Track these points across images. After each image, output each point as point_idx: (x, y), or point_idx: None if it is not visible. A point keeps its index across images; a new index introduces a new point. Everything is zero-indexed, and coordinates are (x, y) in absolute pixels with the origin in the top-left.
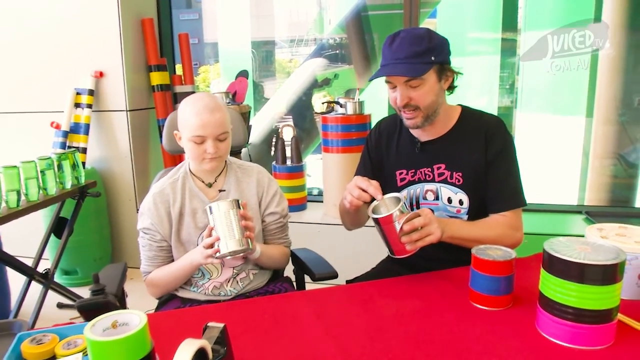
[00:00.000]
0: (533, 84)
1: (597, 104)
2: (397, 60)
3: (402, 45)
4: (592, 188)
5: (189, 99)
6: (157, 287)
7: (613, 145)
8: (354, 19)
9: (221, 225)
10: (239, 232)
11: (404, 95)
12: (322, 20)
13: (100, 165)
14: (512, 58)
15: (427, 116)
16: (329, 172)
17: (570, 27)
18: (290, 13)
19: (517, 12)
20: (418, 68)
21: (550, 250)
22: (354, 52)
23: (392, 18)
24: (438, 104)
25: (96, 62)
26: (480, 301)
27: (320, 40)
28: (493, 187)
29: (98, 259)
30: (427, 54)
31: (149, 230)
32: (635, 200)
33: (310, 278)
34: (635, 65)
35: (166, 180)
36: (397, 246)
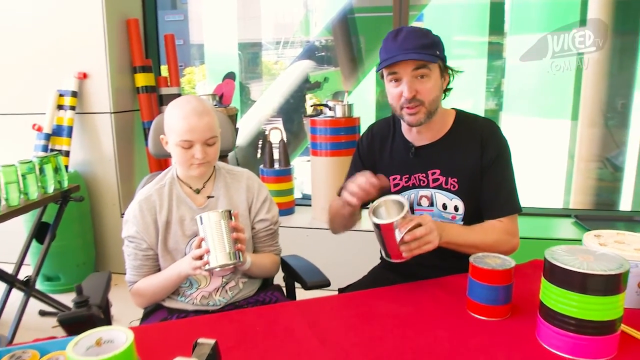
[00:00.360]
0: (519, 87)
1: (583, 106)
2: (406, 50)
3: (409, 37)
4: (578, 191)
5: (175, 102)
6: (143, 298)
7: (598, 148)
8: (340, 22)
9: (211, 236)
10: (229, 245)
11: (411, 88)
12: (309, 23)
13: (84, 169)
14: (499, 61)
15: (429, 112)
16: (318, 175)
17: (557, 31)
18: (276, 15)
19: (504, 15)
20: (428, 57)
21: (551, 259)
22: (340, 54)
23: (379, 21)
24: (439, 103)
25: (80, 63)
26: (479, 311)
27: (306, 43)
28: (489, 193)
29: (81, 264)
30: (433, 47)
31: (134, 238)
32: (619, 203)
33: (302, 286)
34: (620, 68)
35: (152, 186)
36: (394, 251)
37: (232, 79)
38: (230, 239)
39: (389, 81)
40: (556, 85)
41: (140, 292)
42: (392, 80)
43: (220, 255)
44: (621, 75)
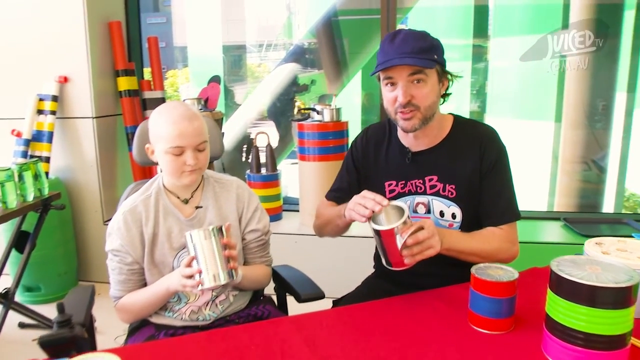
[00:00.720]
0: (502, 89)
1: (566, 108)
2: (402, 54)
3: (406, 40)
4: (562, 193)
5: (161, 108)
6: (129, 314)
7: (582, 150)
8: (324, 24)
9: (203, 256)
10: (222, 264)
11: (407, 92)
12: (291, 25)
13: (65, 175)
14: (482, 64)
15: (425, 118)
16: (306, 181)
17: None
18: (259, 18)
19: (488, 19)
20: (425, 61)
21: (558, 271)
22: (324, 57)
23: (363, 23)
24: (436, 108)
25: (60, 67)
26: (481, 324)
27: (290, 45)
28: (488, 200)
29: (63, 274)
30: (432, 51)
31: (119, 252)
32: (603, 206)
33: (295, 299)
34: (600, 70)
35: (137, 196)
36: (396, 258)
37: (218, 82)
38: (223, 258)
39: (384, 85)
40: (539, 87)
41: (126, 308)
42: (387, 84)
43: (213, 275)
44: (603, 77)
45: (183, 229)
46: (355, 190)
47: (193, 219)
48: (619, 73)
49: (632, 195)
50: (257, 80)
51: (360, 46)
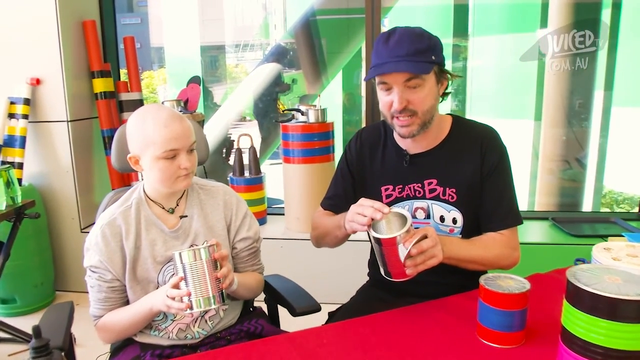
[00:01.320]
0: (481, 88)
1: (545, 107)
2: (397, 57)
3: (401, 42)
4: (543, 192)
5: (143, 113)
6: (110, 333)
7: (562, 149)
8: (302, 24)
9: (192, 278)
10: (213, 286)
11: (402, 98)
12: (268, 26)
13: (39, 182)
14: (462, 63)
15: (423, 123)
16: (291, 183)
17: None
18: (236, 18)
19: (468, 18)
20: (421, 66)
21: (575, 282)
22: (302, 57)
23: (342, 23)
24: (434, 111)
25: (32, 68)
26: (491, 338)
27: (267, 45)
28: (489, 204)
29: (39, 284)
30: (429, 52)
31: (98, 268)
32: (583, 204)
33: (289, 312)
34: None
35: (116, 208)
36: (397, 269)
37: (198, 83)
38: (214, 280)
39: (379, 89)
40: (519, 86)
41: (108, 327)
42: (382, 89)
43: (205, 299)
44: (582, 76)
45: (167, 241)
46: (351, 196)
47: (178, 229)
48: (597, 71)
49: (609, 192)
50: (234, 81)
51: (339, 46)
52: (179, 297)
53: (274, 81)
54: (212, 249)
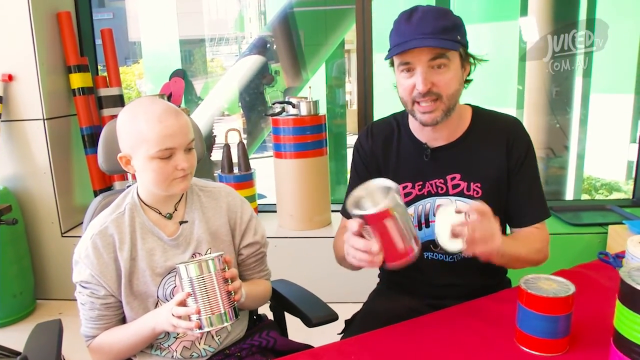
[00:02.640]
0: None
1: (527, 95)
2: (422, 35)
3: (425, 19)
4: None
5: (134, 108)
6: (105, 355)
7: (545, 136)
8: (279, 17)
9: (201, 294)
10: (225, 302)
11: (427, 79)
12: (243, 19)
13: (15, 185)
14: None
15: (447, 109)
16: (282, 179)
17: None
18: (210, 11)
19: (450, 6)
20: (448, 43)
21: (632, 283)
22: (280, 50)
23: (319, 15)
24: (458, 97)
25: (4, 64)
26: (533, 345)
27: (242, 39)
28: (520, 198)
29: (18, 294)
30: (454, 31)
31: (89, 283)
32: (566, 193)
33: (304, 323)
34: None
35: (107, 215)
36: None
37: (181, 76)
38: (225, 294)
39: (400, 71)
40: (500, 75)
41: (103, 349)
42: (403, 70)
43: (217, 316)
44: (561, 65)
45: (167, 250)
46: None
47: (178, 237)
48: (577, 59)
49: (587, 178)
50: (211, 75)
51: (317, 38)
52: (187, 316)
53: (259, 73)
54: (221, 260)
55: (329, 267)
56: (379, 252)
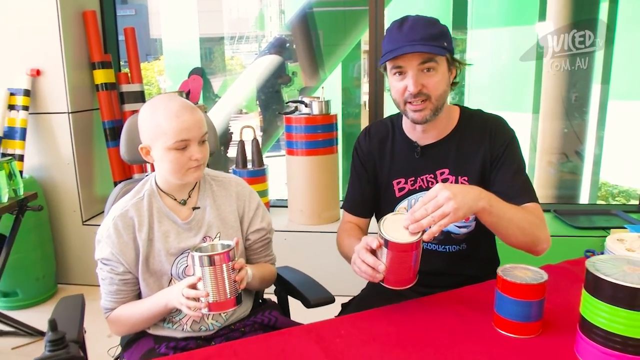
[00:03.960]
0: (479, 81)
1: (544, 100)
2: (412, 41)
3: (415, 27)
4: (541, 184)
5: (154, 104)
6: (122, 327)
7: (560, 141)
8: (298, 17)
9: (211, 281)
10: (231, 289)
11: (417, 82)
12: (263, 17)
13: (40, 174)
14: (460, 55)
15: (436, 108)
16: (294, 176)
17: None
18: (231, 9)
19: (467, 10)
20: (436, 49)
21: (595, 272)
22: (299, 50)
23: (338, 15)
24: (446, 98)
25: (32, 59)
26: (509, 328)
27: (262, 37)
28: (505, 187)
29: (41, 277)
30: (441, 38)
31: (109, 261)
32: (580, 197)
33: (303, 304)
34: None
35: (128, 200)
36: (400, 276)
37: (200, 74)
38: (232, 282)
39: (392, 74)
40: (516, 79)
41: (120, 321)
42: (396, 74)
43: (222, 302)
44: (580, 70)
45: (180, 233)
46: (370, 194)
47: (191, 221)
48: (594, 65)
49: (604, 185)
50: (230, 73)
51: (336, 38)
52: (196, 297)
53: (276, 73)
54: (232, 252)
55: (335, 261)
56: (383, 273)
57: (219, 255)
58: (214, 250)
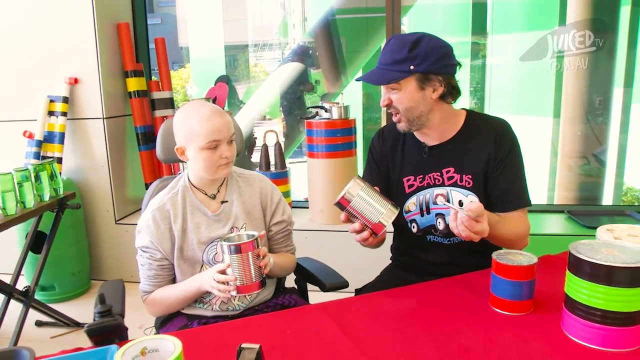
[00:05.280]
0: (500, 86)
1: (564, 104)
2: (379, 65)
3: (384, 50)
4: (562, 187)
5: (188, 109)
6: (158, 307)
7: (581, 145)
8: (321, 23)
9: (239, 268)
10: (257, 274)
11: (385, 97)
12: (287, 25)
13: (76, 176)
14: (481, 61)
15: (408, 120)
16: (314, 177)
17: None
18: (254, 17)
19: (487, 16)
20: (390, 75)
21: (577, 253)
22: (321, 56)
23: (361, 22)
24: (421, 111)
25: (70, 68)
26: (503, 306)
27: (285, 45)
28: (503, 187)
29: (76, 273)
30: (405, 62)
31: (148, 248)
32: (602, 199)
33: (319, 288)
34: (598, 68)
35: (165, 194)
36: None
37: (225, 82)
38: (257, 267)
39: None
40: (538, 83)
41: (157, 302)
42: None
43: (248, 285)
44: (601, 74)
45: (210, 224)
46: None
47: (220, 213)
48: (616, 69)
49: (629, 190)
50: (254, 80)
51: (358, 45)
52: (225, 282)
53: (298, 80)
54: (257, 241)
55: (353, 257)
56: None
57: (245, 244)
58: (241, 240)
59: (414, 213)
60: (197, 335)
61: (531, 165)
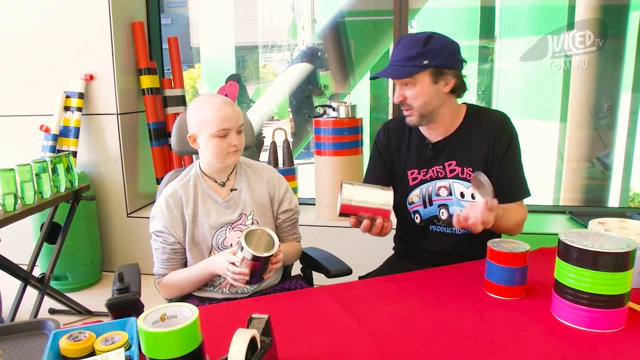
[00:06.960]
0: (508, 90)
1: (571, 108)
2: (392, 62)
3: (397, 49)
4: (567, 189)
5: (200, 100)
6: (172, 289)
7: (587, 149)
8: (330, 26)
9: (251, 269)
10: (266, 273)
11: (399, 94)
12: (296, 27)
13: (90, 169)
14: (488, 64)
15: (421, 115)
16: (321, 174)
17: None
18: (264, 19)
19: (495, 20)
20: (405, 70)
21: (566, 240)
22: (330, 58)
23: (370, 24)
24: (434, 106)
25: (86, 65)
26: (497, 291)
27: (294, 46)
28: (505, 178)
29: (88, 263)
30: (419, 57)
31: (162, 233)
32: (608, 201)
33: (324, 275)
34: (603, 70)
35: (177, 182)
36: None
37: (236, 80)
38: (269, 269)
39: None
40: (545, 87)
41: (170, 284)
42: (393, 84)
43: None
44: (608, 78)
45: (220, 210)
46: (385, 181)
47: (229, 200)
48: (623, 73)
49: (636, 195)
50: (263, 81)
51: (367, 47)
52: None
53: (307, 80)
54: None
55: (358, 252)
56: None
57: (265, 258)
58: (260, 240)
59: (417, 204)
60: (210, 311)
61: (537, 168)
